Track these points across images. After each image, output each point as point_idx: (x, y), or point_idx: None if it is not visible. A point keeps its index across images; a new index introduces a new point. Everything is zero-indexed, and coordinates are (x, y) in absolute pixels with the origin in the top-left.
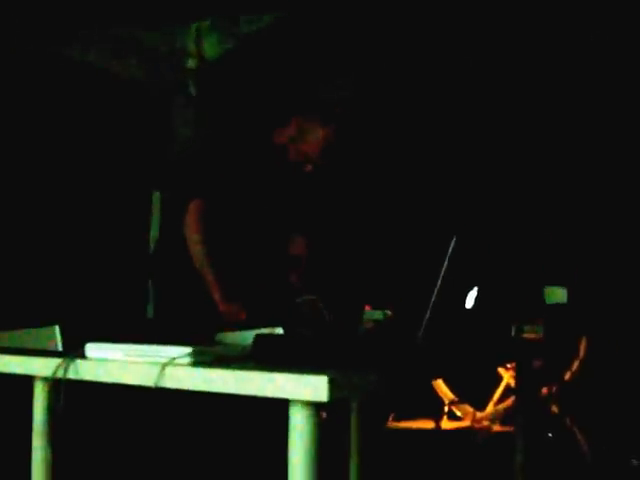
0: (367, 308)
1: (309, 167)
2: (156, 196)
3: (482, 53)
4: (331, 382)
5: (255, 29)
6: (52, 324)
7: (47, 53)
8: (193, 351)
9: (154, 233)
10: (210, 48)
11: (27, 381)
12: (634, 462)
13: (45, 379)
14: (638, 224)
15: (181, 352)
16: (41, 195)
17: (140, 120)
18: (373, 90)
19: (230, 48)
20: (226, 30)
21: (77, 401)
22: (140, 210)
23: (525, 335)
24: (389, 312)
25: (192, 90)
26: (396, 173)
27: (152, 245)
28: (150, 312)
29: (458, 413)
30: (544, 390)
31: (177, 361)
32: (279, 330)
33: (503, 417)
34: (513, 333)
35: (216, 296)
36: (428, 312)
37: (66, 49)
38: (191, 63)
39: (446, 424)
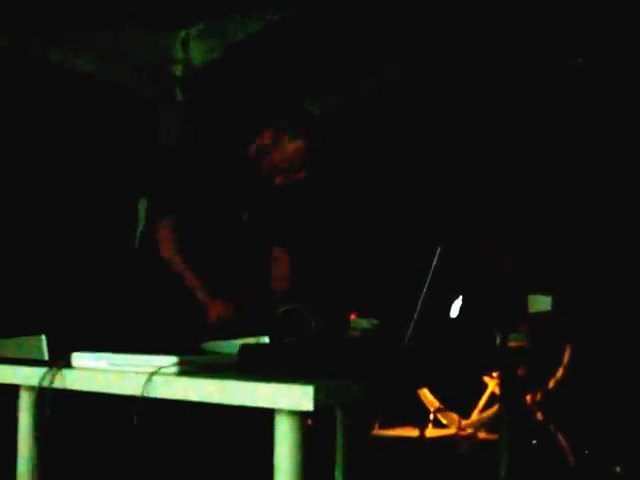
0: (353, 316)
1: (279, 179)
2: (143, 203)
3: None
4: (317, 391)
5: (243, 37)
6: (39, 333)
7: (31, 57)
8: (179, 360)
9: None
10: (197, 55)
11: (12, 390)
12: (617, 469)
13: (31, 388)
14: (621, 231)
15: (167, 361)
16: (25, 201)
17: (126, 126)
18: (360, 101)
19: (217, 56)
20: (214, 38)
21: (64, 409)
22: (127, 217)
23: (510, 343)
24: (375, 320)
25: (179, 97)
26: (382, 182)
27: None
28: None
29: (443, 421)
30: (528, 397)
31: (163, 370)
32: (265, 339)
33: (488, 425)
34: (498, 341)
35: (201, 295)
36: (413, 320)
37: (51, 53)
38: (178, 70)
39: (431, 432)
